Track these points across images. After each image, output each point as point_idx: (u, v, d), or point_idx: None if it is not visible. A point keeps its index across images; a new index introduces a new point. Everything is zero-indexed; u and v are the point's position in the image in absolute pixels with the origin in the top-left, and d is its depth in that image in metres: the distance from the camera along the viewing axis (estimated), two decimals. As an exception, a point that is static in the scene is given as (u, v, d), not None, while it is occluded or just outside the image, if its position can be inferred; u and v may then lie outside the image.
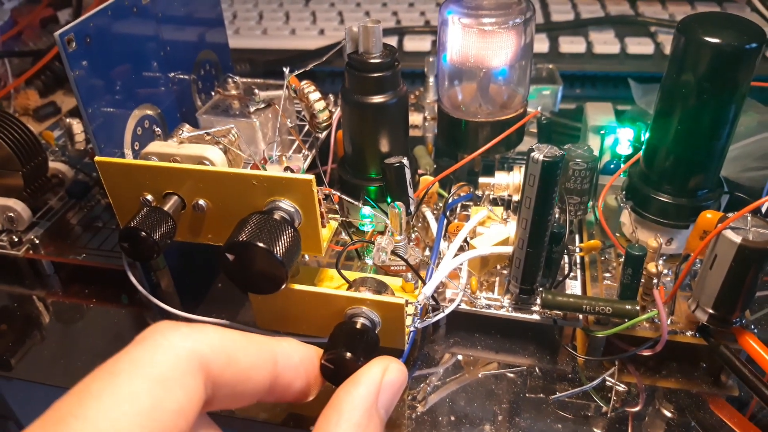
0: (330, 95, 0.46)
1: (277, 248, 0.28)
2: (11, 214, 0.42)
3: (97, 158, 0.32)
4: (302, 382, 0.26)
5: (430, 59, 0.55)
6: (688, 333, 0.34)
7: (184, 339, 0.21)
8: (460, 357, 0.36)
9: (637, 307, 0.32)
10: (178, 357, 0.21)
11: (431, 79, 0.55)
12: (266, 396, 0.24)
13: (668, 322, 0.34)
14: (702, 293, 0.31)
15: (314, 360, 0.27)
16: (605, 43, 0.66)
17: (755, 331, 0.32)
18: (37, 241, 0.42)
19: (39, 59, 0.57)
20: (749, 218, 0.30)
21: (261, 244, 0.28)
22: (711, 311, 0.31)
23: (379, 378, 0.25)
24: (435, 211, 0.42)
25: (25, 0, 0.76)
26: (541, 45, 0.66)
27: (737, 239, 0.29)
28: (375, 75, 0.36)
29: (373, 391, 0.25)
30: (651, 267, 0.32)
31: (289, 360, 0.25)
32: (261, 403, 0.27)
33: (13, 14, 0.72)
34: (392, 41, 0.69)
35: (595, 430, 0.32)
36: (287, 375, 0.25)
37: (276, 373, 0.24)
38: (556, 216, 0.39)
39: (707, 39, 0.31)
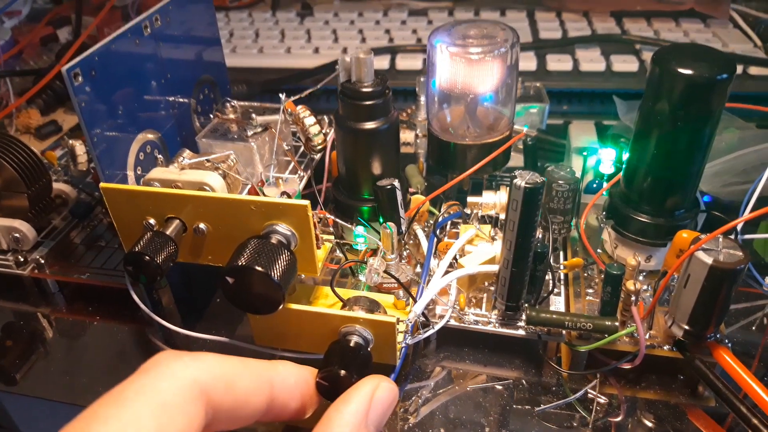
0: (324, 116, 0.48)
1: (274, 271, 0.30)
2: (17, 235, 0.43)
3: (102, 185, 0.33)
4: (297, 402, 0.27)
5: (422, 79, 0.57)
6: (666, 347, 0.35)
7: (185, 368, 0.23)
8: (450, 370, 0.37)
9: (617, 323, 0.34)
10: (181, 385, 0.22)
11: (422, 98, 0.57)
12: (263, 417, 0.26)
13: (647, 336, 0.35)
14: (677, 310, 0.33)
15: (309, 380, 0.29)
16: (591, 60, 0.68)
17: (729, 345, 0.34)
18: (42, 261, 0.44)
19: (40, 78, 0.59)
20: (721, 240, 0.31)
21: (259, 268, 0.29)
22: (686, 327, 0.33)
23: (369, 395, 0.27)
24: (426, 229, 0.43)
25: (25, 19, 0.78)
26: (529, 63, 0.68)
27: (708, 260, 0.30)
28: (367, 103, 0.38)
29: (363, 408, 0.26)
30: (629, 285, 0.34)
31: (284, 383, 0.27)
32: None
33: (14, 33, 0.73)
34: (385, 60, 0.71)
35: (578, 440, 0.33)
36: (283, 397, 0.26)
37: (272, 397, 0.26)
38: (540, 236, 0.41)
39: (681, 70, 0.33)
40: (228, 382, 0.24)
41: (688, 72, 0.33)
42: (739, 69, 0.66)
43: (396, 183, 0.39)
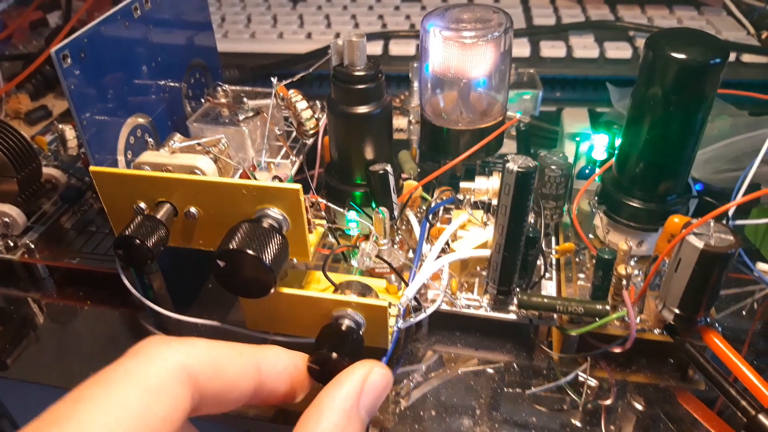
0: (317, 101, 0.48)
1: (266, 255, 0.29)
2: (6, 220, 0.43)
3: (92, 168, 0.33)
4: (286, 387, 0.27)
5: (415, 65, 0.57)
6: (656, 331, 0.35)
7: (173, 352, 0.23)
8: (441, 354, 0.37)
9: (608, 307, 0.34)
10: (168, 369, 0.22)
11: (415, 84, 0.56)
12: (251, 401, 0.26)
13: (637, 320, 0.36)
14: (668, 294, 0.33)
15: (299, 365, 0.29)
16: (585, 47, 0.68)
17: (719, 329, 0.34)
18: (32, 246, 0.43)
19: (30, 62, 0.58)
20: (712, 224, 0.31)
21: (250, 252, 0.29)
22: (676, 311, 0.33)
23: (362, 380, 0.27)
24: (418, 214, 0.43)
25: (14, 2, 0.77)
26: (523, 49, 0.68)
27: (700, 244, 0.30)
28: (359, 87, 0.37)
29: (355, 392, 0.26)
30: (621, 269, 0.34)
31: (273, 368, 0.27)
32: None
33: (3, 17, 0.72)
34: (378, 45, 0.70)
35: (569, 422, 0.33)
36: (271, 382, 0.27)
37: (260, 381, 0.26)
38: (532, 221, 0.41)
39: (674, 55, 0.33)
40: (216, 367, 0.24)
41: (681, 56, 0.33)
42: (732, 56, 0.66)
43: (389, 168, 0.39)
